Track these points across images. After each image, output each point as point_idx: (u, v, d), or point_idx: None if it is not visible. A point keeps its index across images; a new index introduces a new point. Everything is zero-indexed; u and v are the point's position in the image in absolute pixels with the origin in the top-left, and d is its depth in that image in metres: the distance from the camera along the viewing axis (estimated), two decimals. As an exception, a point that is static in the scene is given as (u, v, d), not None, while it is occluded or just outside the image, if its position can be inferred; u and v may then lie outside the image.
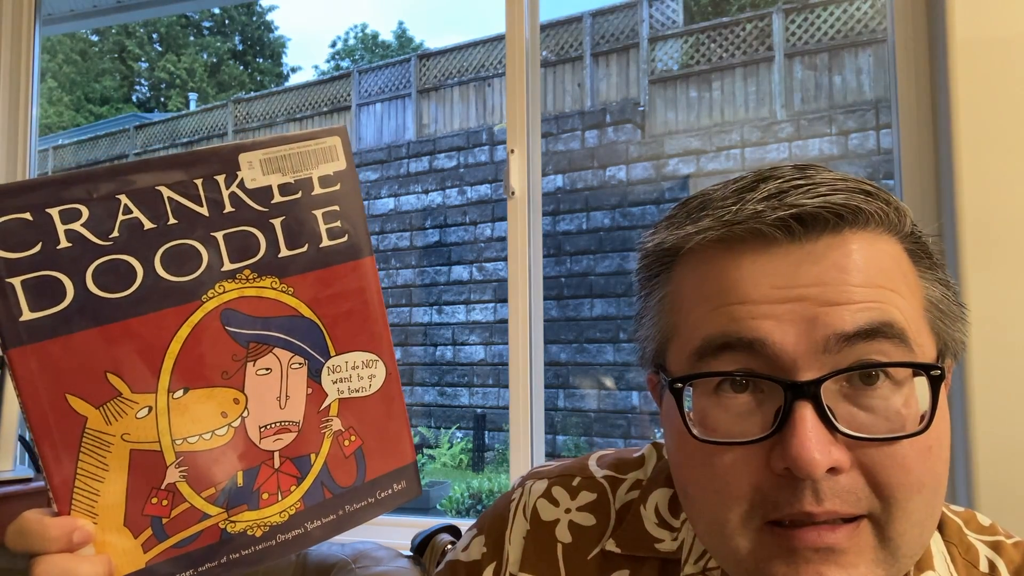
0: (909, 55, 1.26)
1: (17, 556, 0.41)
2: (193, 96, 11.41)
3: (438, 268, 5.02)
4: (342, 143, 0.49)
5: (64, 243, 0.41)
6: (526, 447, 1.46)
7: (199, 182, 0.45)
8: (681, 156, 4.34)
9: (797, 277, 0.41)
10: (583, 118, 4.69)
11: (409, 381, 5.07)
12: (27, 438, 1.53)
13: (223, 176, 0.45)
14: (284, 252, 0.47)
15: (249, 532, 0.47)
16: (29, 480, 1.39)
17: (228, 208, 0.46)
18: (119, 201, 0.43)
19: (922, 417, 0.41)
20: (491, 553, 0.59)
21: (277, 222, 0.47)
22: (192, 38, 12.23)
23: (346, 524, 0.50)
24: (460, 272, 4.94)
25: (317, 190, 0.48)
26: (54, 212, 0.41)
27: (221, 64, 12.25)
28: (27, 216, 0.41)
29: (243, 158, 0.46)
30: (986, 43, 1.12)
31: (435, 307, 5.00)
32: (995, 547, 0.50)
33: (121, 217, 0.43)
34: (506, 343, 1.50)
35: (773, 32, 4.45)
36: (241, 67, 12.45)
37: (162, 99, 11.81)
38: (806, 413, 0.39)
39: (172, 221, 0.44)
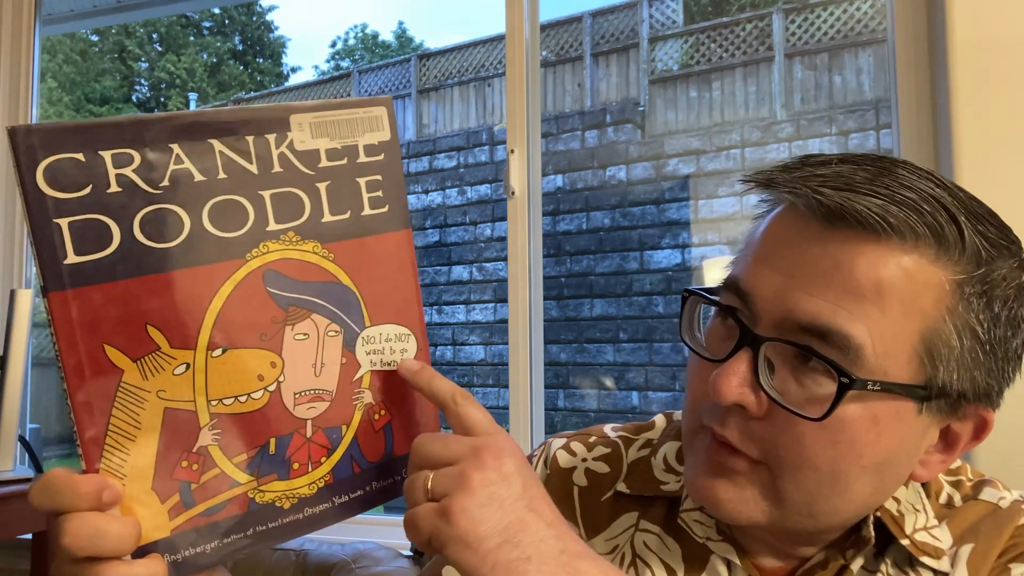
0: (909, 55, 1.26)
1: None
2: (193, 96, 11.41)
3: (438, 268, 5.02)
4: (388, 114, 0.49)
5: (114, 187, 0.40)
6: (526, 447, 1.46)
7: (250, 139, 0.44)
8: (681, 156, 4.33)
9: (801, 253, 0.46)
10: (583, 118, 4.69)
11: (409, 381, 5.06)
12: (27, 438, 1.53)
13: (274, 135, 0.45)
14: (327, 217, 0.47)
15: (277, 504, 0.45)
16: (29, 480, 1.39)
17: (276, 168, 0.45)
18: (171, 150, 0.42)
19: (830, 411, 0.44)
20: None
21: (322, 186, 0.46)
22: (192, 38, 12.22)
23: (372, 502, 0.49)
24: (460, 272, 4.93)
25: (362, 158, 0.48)
26: (107, 155, 0.40)
27: (221, 64, 12.25)
28: (79, 156, 0.39)
29: (294, 119, 0.46)
30: (986, 43, 1.12)
31: (435, 307, 5.00)
32: (955, 484, 0.56)
33: (172, 167, 0.42)
34: (506, 343, 1.50)
35: (773, 32, 4.45)
36: (241, 67, 12.45)
37: (162, 99, 11.81)
38: (743, 355, 0.46)
39: (221, 175, 0.43)
